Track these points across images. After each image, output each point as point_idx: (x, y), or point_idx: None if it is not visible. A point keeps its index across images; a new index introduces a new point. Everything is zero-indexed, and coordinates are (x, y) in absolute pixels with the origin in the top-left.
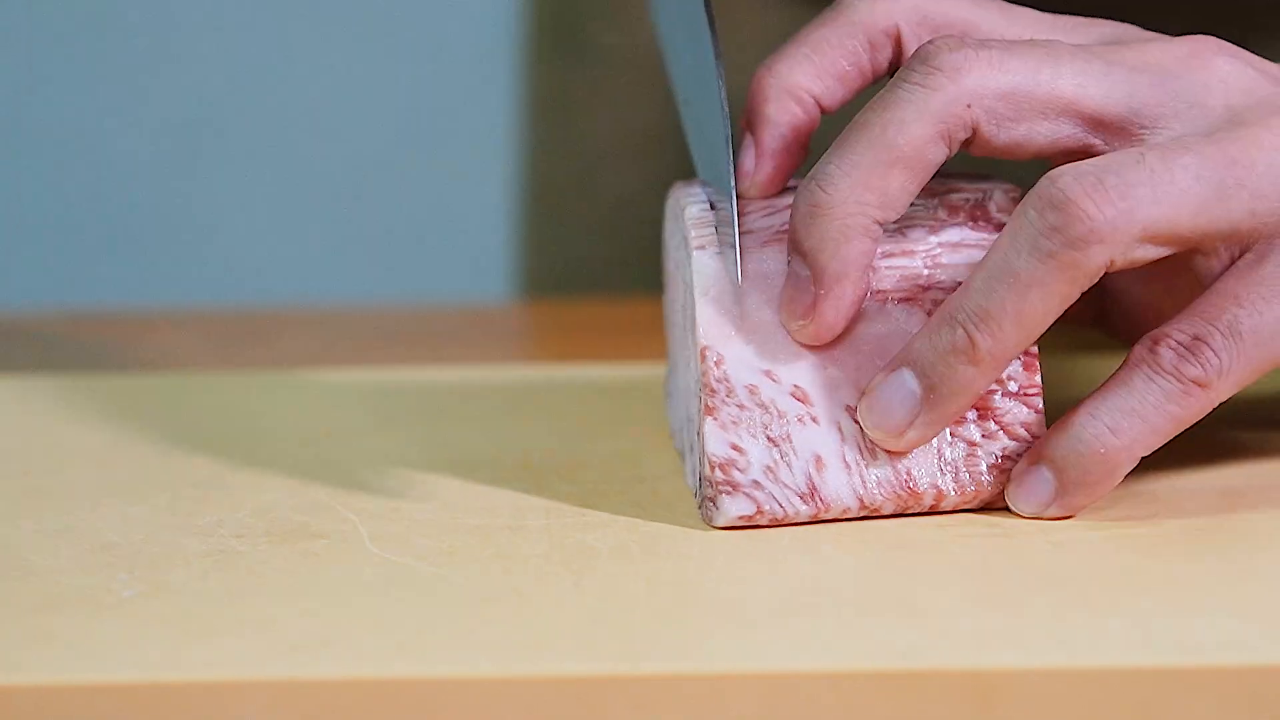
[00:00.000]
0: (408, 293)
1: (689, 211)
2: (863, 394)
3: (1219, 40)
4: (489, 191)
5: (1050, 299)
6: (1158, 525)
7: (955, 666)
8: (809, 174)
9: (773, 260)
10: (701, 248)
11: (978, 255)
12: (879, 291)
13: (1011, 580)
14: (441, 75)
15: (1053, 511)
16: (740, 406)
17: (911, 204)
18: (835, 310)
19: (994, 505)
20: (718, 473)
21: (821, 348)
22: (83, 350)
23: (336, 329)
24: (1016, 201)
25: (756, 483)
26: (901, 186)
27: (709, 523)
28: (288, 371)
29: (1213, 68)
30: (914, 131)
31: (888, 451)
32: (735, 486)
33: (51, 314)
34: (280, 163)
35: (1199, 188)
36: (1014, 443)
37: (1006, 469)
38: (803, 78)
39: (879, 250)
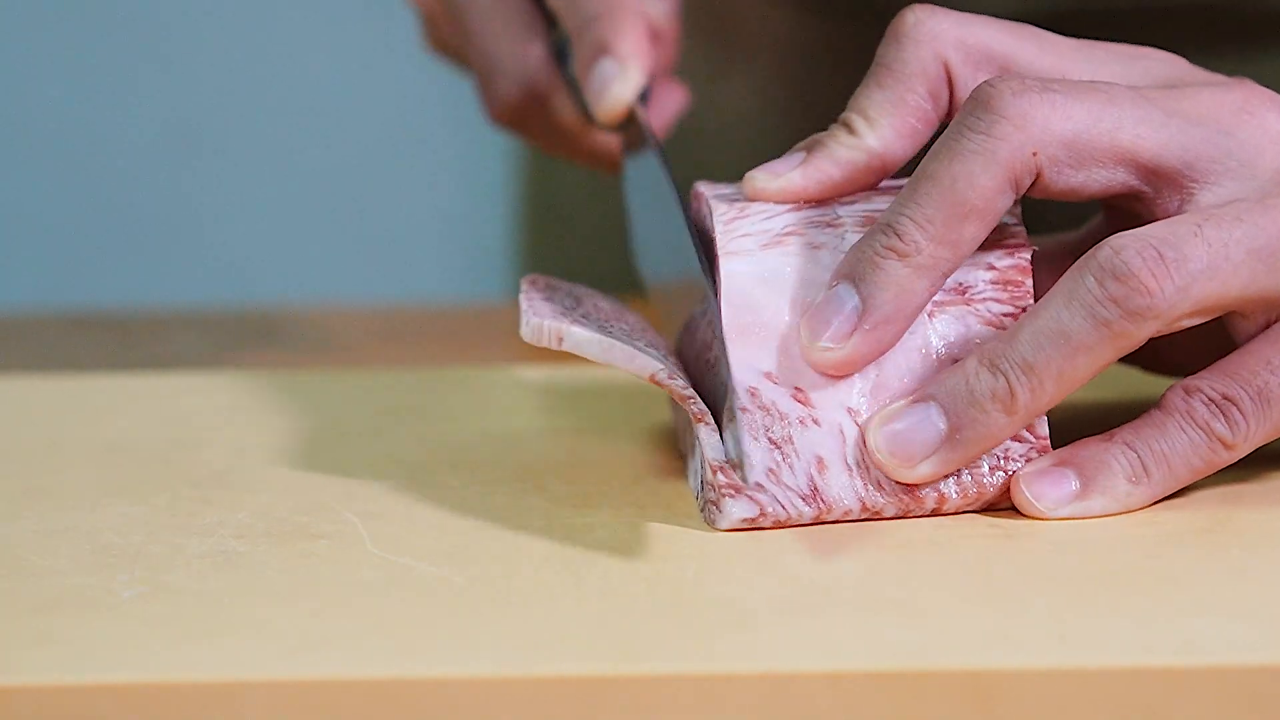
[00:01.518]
0: (408, 293)
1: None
2: (876, 419)
3: (1270, 93)
4: (490, 191)
5: (1095, 363)
6: (1158, 525)
7: (955, 666)
8: (878, 223)
9: (773, 263)
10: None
11: (977, 258)
12: None
13: (1011, 580)
14: (443, 75)
15: (1061, 513)
16: (742, 409)
17: None
18: (871, 349)
19: (996, 506)
20: (720, 476)
21: None
22: (83, 350)
23: (336, 329)
24: (1014, 204)
25: (759, 485)
26: (974, 237)
27: (712, 525)
28: (288, 371)
29: (1266, 126)
30: (983, 183)
31: None
32: (738, 489)
33: (51, 314)
34: (281, 163)
35: (1251, 262)
36: (1016, 444)
37: (1009, 470)
38: (875, 143)
39: None
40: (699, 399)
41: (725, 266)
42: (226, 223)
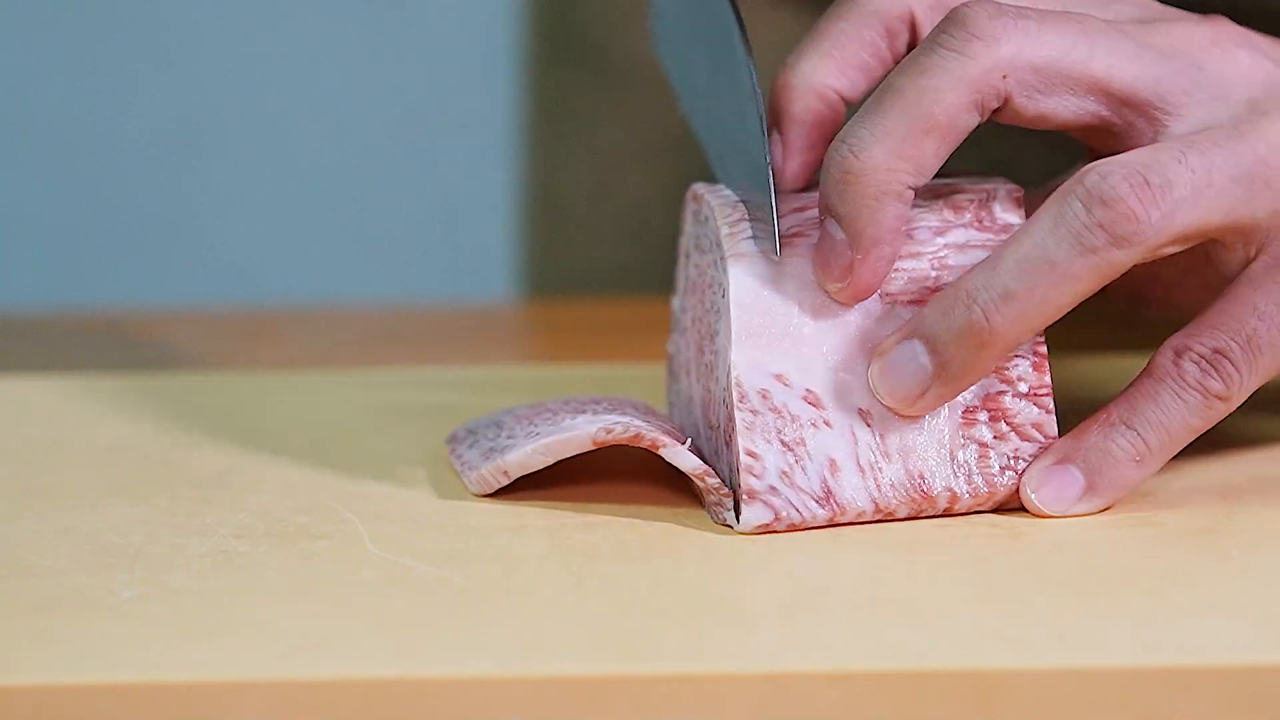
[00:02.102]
0: (408, 293)
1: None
2: (873, 359)
3: (1238, 28)
4: (492, 192)
5: (1080, 291)
6: (1158, 525)
7: (955, 666)
8: (839, 135)
9: (781, 265)
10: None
11: (983, 256)
12: (887, 294)
13: (1011, 580)
14: (445, 76)
15: (1076, 510)
16: (753, 411)
17: (916, 205)
18: (873, 273)
19: (1006, 506)
20: (710, 480)
21: (831, 352)
22: (83, 350)
23: (337, 329)
24: (1019, 202)
25: (773, 488)
26: (935, 153)
27: (726, 526)
28: (288, 371)
29: (1235, 60)
30: (948, 100)
31: (901, 454)
32: (752, 493)
33: (51, 314)
34: (282, 163)
35: (1232, 189)
36: (1026, 443)
37: (1019, 470)
38: (825, 75)
39: None
40: (648, 429)
41: (733, 268)
42: (226, 223)
